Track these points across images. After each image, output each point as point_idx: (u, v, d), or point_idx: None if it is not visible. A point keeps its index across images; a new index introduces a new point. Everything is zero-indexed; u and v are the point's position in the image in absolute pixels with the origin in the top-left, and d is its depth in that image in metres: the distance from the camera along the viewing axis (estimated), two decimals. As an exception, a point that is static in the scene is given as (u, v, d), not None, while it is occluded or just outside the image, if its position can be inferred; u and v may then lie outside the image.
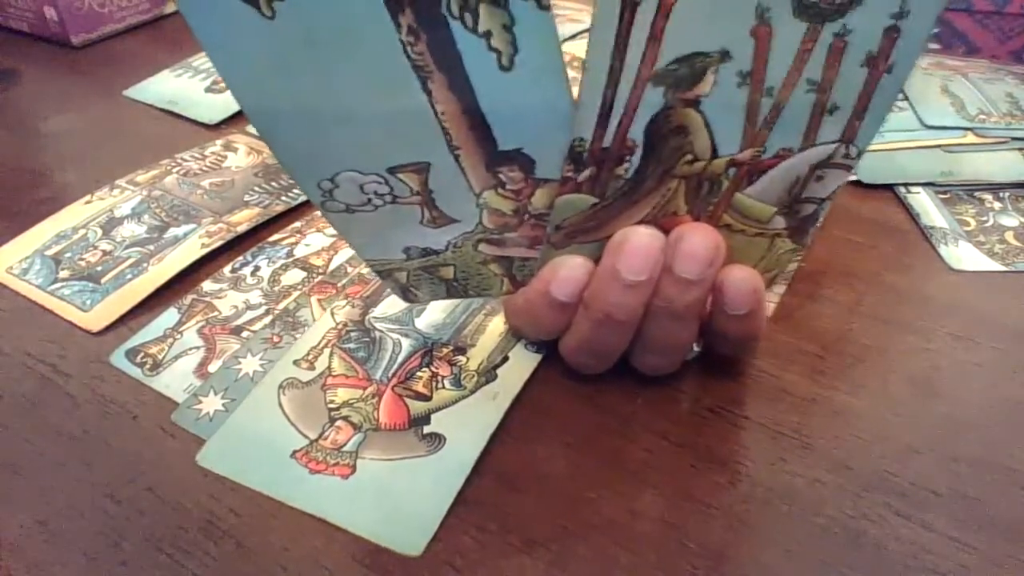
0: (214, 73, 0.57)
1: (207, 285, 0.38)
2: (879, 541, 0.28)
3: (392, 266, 0.31)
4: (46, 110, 0.55)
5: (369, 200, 0.27)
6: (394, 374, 0.33)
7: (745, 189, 0.28)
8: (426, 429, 0.31)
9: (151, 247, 0.40)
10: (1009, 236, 0.42)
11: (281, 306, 0.37)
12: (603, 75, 0.24)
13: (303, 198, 0.44)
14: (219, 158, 0.48)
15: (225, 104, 0.53)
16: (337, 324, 0.36)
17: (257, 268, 0.39)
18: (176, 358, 0.34)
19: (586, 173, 0.27)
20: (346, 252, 0.40)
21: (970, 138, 0.49)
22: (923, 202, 0.45)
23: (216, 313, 0.37)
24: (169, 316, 0.36)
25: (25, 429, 0.32)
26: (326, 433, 0.31)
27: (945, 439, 0.32)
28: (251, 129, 0.51)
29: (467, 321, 0.36)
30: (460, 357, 0.34)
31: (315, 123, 0.25)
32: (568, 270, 0.29)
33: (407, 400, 0.32)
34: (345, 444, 0.30)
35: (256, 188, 0.45)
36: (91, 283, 0.38)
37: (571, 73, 0.61)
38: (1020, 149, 0.48)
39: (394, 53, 0.23)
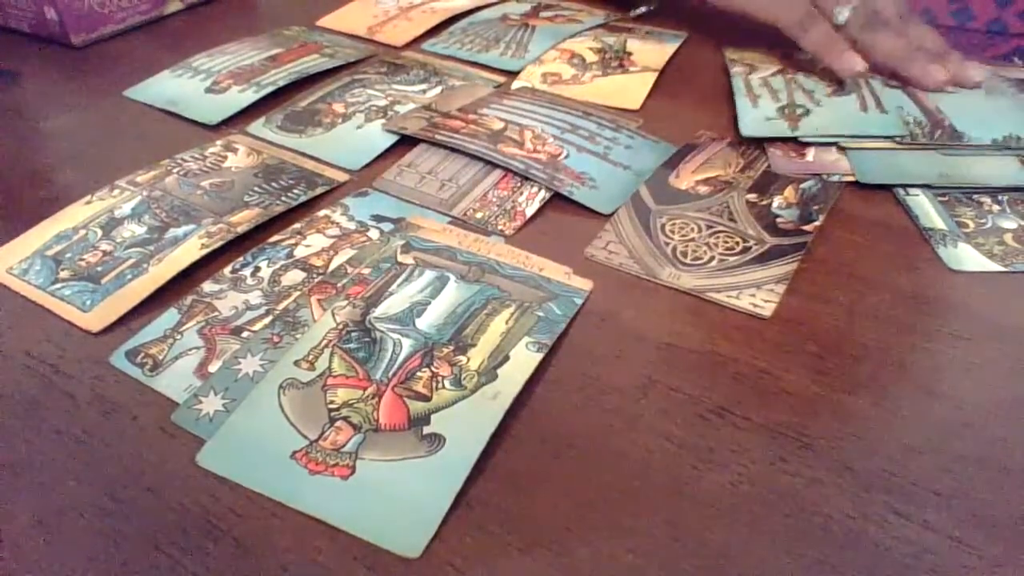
0: (214, 74, 0.57)
1: (207, 286, 0.38)
2: (879, 541, 0.28)
3: None
4: (46, 110, 0.55)
5: None
6: (394, 374, 0.33)
7: None
8: (426, 429, 0.31)
9: (151, 247, 0.40)
10: (1008, 238, 0.42)
11: (281, 306, 0.37)
12: None
13: (303, 199, 0.44)
14: (219, 158, 0.48)
15: (225, 104, 0.53)
16: (338, 324, 0.36)
17: (257, 269, 0.39)
18: (176, 358, 0.34)
19: None
20: (346, 253, 0.40)
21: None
22: (922, 204, 0.45)
23: (216, 313, 0.37)
24: (169, 316, 0.36)
25: (25, 429, 0.32)
26: (326, 433, 0.31)
27: (945, 439, 0.32)
28: (251, 129, 0.51)
29: (468, 321, 0.36)
30: (460, 357, 0.34)
31: None
32: None
33: (407, 400, 0.32)
34: (345, 445, 0.30)
35: (256, 188, 0.45)
36: (91, 283, 0.38)
37: (571, 70, 0.62)
38: (1018, 156, 0.48)
39: None
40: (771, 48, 0.61)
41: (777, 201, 0.45)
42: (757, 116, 0.51)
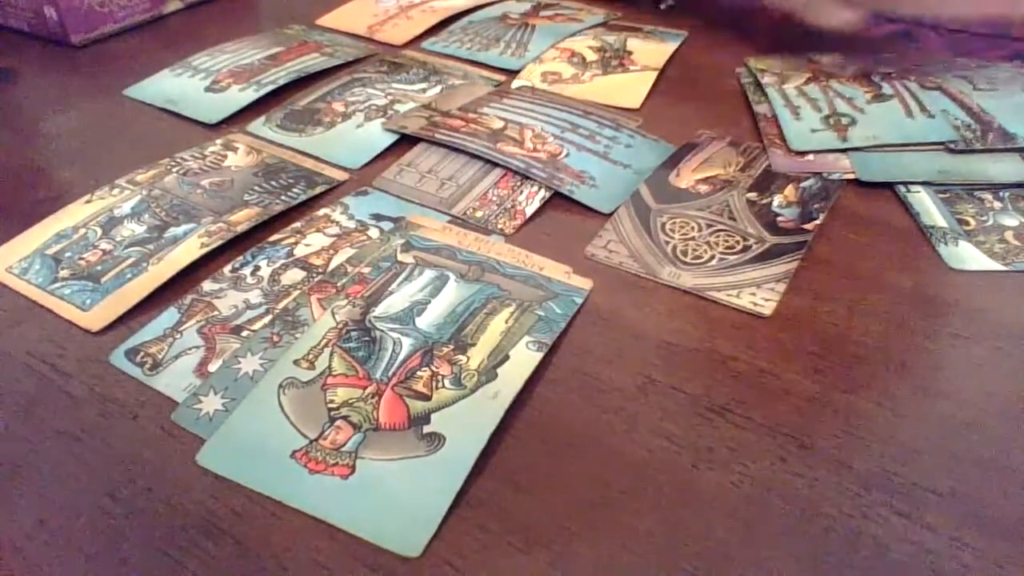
0: (214, 72, 0.57)
1: (207, 285, 0.38)
2: (879, 541, 0.28)
3: None
4: (46, 110, 0.54)
5: None
6: (394, 373, 0.33)
7: None
8: (426, 429, 0.31)
9: (151, 247, 0.40)
10: (1009, 236, 0.42)
11: (281, 305, 0.37)
12: None
13: (303, 198, 0.44)
14: (219, 157, 0.48)
15: (225, 103, 0.53)
16: (337, 323, 0.36)
17: (257, 268, 0.39)
18: (176, 358, 0.34)
19: None
20: (346, 252, 0.40)
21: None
22: (923, 201, 0.45)
23: (216, 312, 0.37)
24: (169, 316, 0.36)
25: (25, 429, 0.32)
26: (326, 433, 0.31)
27: (945, 439, 0.32)
28: (251, 128, 0.51)
29: (468, 320, 0.36)
30: (460, 356, 0.34)
31: None
32: None
33: (407, 400, 0.32)
34: (345, 444, 0.30)
35: (256, 188, 0.45)
36: (91, 283, 0.38)
37: (571, 69, 0.62)
38: (1019, 152, 0.48)
39: None
40: (793, 54, 0.60)
41: (777, 200, 0.45)
42: (802, 129, 0.50)
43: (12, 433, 0.31)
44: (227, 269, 0.39)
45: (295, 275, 0.39)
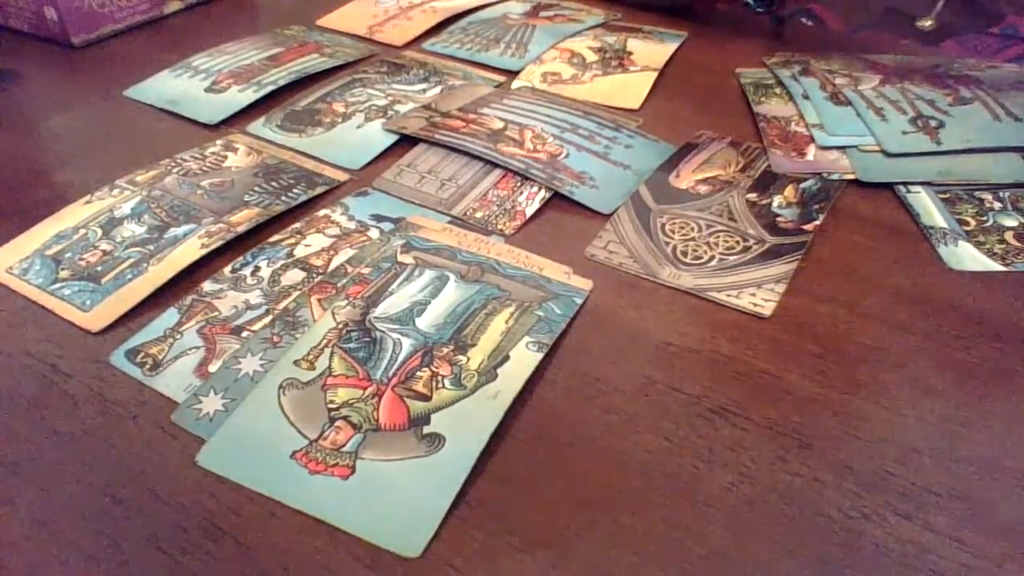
0: (214, 73, 0.57)
1: (207, 285, 0.38)
2: (879, 541, 0.28)
3: None
4: (46, 110, 0.54)
5: None
6: (394, 374, 0.33)
7: None
8: (426, 429, 0.31)
9: (151, 247, 0.40)
10: (1009, 236, 0.42)
11: (281, 306, 0.37)
12: None
13: (303, 198, 0.44)
14: (219, 158, 0.48)
15: (225, 104, 0.53)
16: (338, 324, 0.36)
17: (257, 268, 0.39)
18: (176, 358, 0.34)
19: None
20: (346, 252, 0.40)
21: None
22: (923, 201, 0.45)
23: (216, 313, 0.37)
24: (169, 316, 0.36)
25: (25, 429, 0.32)
26: (326, 433, 0.31)
27: (945, 439, 0.32)
28: (251, 129, 0.51)
29: (468, 321, 0.36)
30: (460, 357, 0.34)
31: None
32: None
33: (407, 400, 0.32)
34: (345, 444, 0.30)
35: (256, 188, 0.45)
36: (91, 283, 0.38)
37: (571, 70, 0.62)
38: (1019, 153, 0.48)
39: None
40: (848, 54, 0.60)
41: (777, 200, 0.45)
42: (892, 131, 0.50)
43: (12, 433, 0.31)
44: (227, 270, 0.39)
45: (295, 276, 0.39)
